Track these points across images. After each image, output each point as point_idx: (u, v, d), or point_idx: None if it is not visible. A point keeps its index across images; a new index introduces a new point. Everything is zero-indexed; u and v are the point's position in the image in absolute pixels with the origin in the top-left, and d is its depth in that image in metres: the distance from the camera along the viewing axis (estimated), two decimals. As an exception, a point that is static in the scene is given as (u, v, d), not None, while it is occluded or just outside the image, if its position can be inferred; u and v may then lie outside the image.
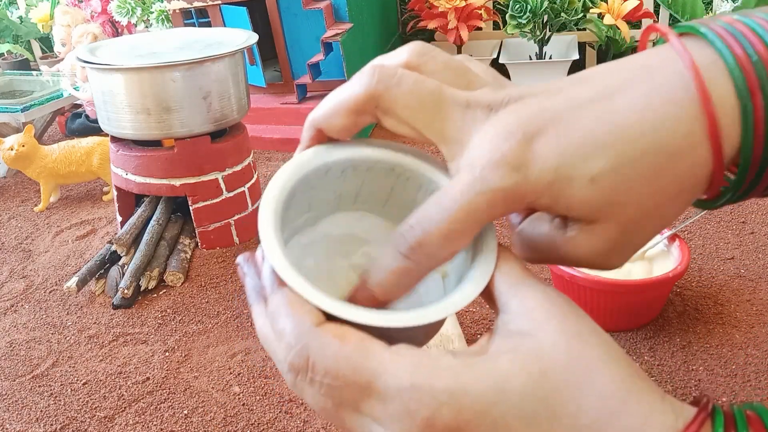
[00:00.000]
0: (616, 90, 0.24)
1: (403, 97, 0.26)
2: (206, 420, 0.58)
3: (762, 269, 0.74)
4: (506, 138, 0.24)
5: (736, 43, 0.23)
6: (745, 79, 0.23)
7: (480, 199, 0.24)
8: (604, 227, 0.25)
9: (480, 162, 0.24)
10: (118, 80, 0.79)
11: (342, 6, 1.27)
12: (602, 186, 0.24)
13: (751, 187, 0.26)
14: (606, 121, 0.24)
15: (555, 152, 0.24)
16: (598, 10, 1.28)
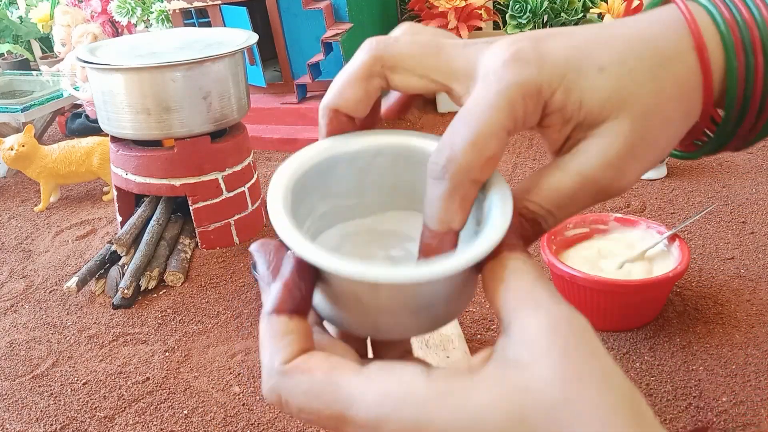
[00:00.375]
0: (613, 23, 0.28)
1: (404, 49, 0.27)
2: (206, 420, 0.58)
3: (762, 269, 0.74)
4: (515, 41, 0.26)
5: (722, 4, 0.27)
6: (731, 31, 0.26)
7: (499, 98, 0.24)
8: (613, 125, 0.26)
9: (493, 68, 0.25)
10: (118, 80, 0.79)
11: (342, 6, 1.27)
12: (610, 74, 0.25)
13: (733, 131, 0.29)
14: (606, 31, 0.26)
15: (564, 48, 0.26)
16: (598, 10, 1.28)
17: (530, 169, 1.08)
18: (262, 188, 1.01)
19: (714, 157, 1.06)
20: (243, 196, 0.89)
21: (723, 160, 1.05)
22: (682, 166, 1.04)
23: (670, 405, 0.56)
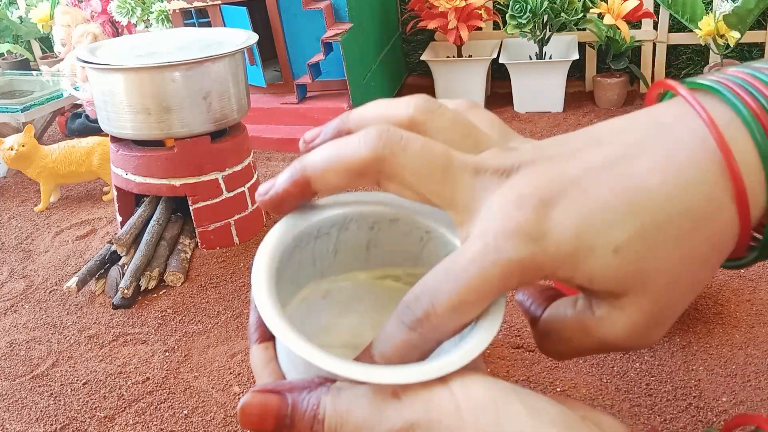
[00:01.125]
0: (633, 152, 0.23)
1: (409, 163, 0.24)
2: (206, 420, 0.58)
3: (762, 269, 0.74)
4: (521, 205, 0.23)
5: (750, 98, 0.22)
6: (763, 128, 0.22)
7: (494, 270, 0.22)
8: (636, 301, 0.24)
9: (493, 231, 0.23)
10: (118, 80, 0.79)
11: (342, 6, 1.27)
12: (627, 255, 0.23)
13: None
14: (627, 186, 0.23)
15: (574, 220, 0.23)
16: (598, 10, 1.28)
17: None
18: (262, 188, 1.01)
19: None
20: (243, 196, 0.89)
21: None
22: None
23: (670, 405, 0.56)
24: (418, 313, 0.23)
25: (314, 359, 0.24)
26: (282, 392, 0.24)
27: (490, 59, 1.37)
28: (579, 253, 0.23)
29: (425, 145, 0.24)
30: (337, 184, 0.25)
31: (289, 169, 0.26)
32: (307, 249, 0.33)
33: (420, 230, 0.33)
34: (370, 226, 0.34)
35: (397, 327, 0.24)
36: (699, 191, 0.22)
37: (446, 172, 0.24)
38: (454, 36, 1.35)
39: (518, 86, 1.36)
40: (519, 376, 0.60)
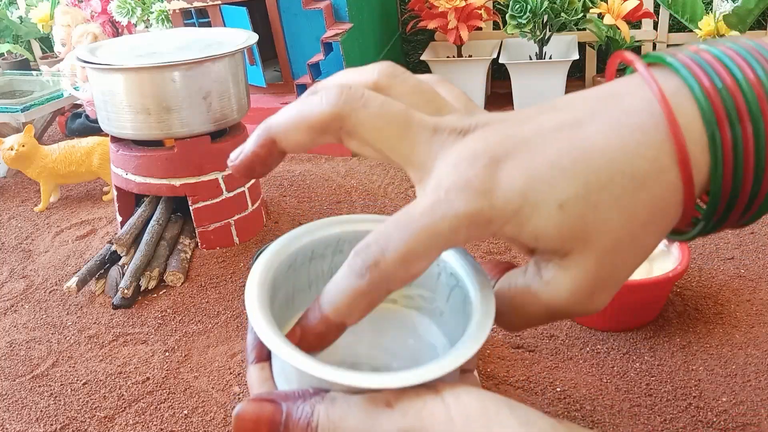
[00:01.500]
0: (584, 117, 0.24)
1: (369, 119, 0.25)
2: (206, 420, 0.58)
3: (762, 269, 0.74)
4: (472, 162, 0.24)
5: (701, 71, 0.23)
6: (712, 106, 0.23)
7: (443, 223, 0.23)
8: (579, 260, 0.24)
9: (445, 185, 0.24)
10: (118, 80, 0.79)
11: (342, 6, 1.27)
12: (571, 212, 0.23)
13: (723, 217, 0.26)
14: (574, 147, 0.23)
15: (522, 178, 0.23)
16: (598, 10, 1.28)
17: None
18: (262, 188, 1.01)
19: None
20: (243, 196, 0.89)
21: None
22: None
23: (670, 405, 0.56)
24: (368, 261, 0.24)
25: (306, 368, 0.25)
26: (277, 401, 0.25)
27: (490, 59, 1.37)
28: (525, 208, 0.23)
29: (385, 103, 0.25)
30: (300, 141, 0.26)
31: (255, 132, 0.27)
32: (302, 270, 0.35)
33: None
34: None
35: (346, 275, 0.24)
36: (642, 154, 0.23)
37: (405, 130, 0.25)
38: (454, 36, 1.35)
39: (518, 86, 1.36)
40: (519, 376, 0.60)
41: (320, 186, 1.07)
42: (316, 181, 1.08)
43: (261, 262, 0.32)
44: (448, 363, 0.25)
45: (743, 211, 0.26)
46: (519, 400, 0.57)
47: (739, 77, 0.23)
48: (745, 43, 0.24)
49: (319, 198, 1.02)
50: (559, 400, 0.57)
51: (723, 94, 0.23)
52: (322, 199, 1.02)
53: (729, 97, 0.23)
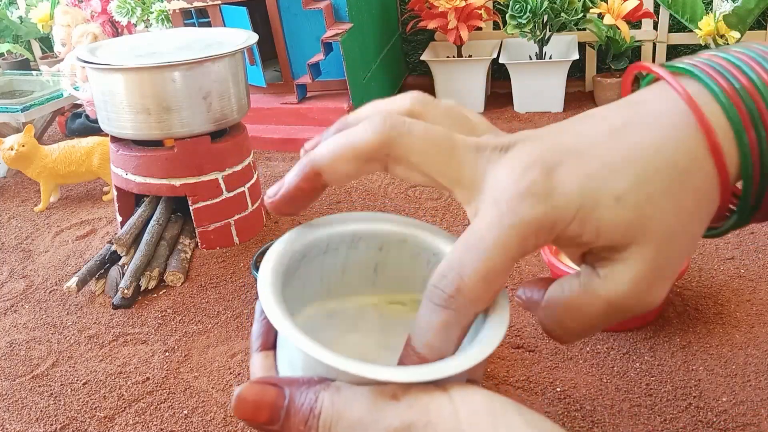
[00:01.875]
0: (619, 123, 0.26)
1: (415, 144, 0.25)
2: (206, 420, 0.58)
3: (762, 269, 0.74)
4: (526, 171, 0.24)
5: (718, 74, 0.26)
6: (733, 103, 0.25)
7: (511, 232, 0.24)
8: (638, 250, 0.25)
9: (504, 197, 0.24)
10: (118, 80, 0.79)
11: (342, 6, 1.27)
12: (627, 203, 0.24)
13: (756, 206, 0.28)
14: (619, 147, 0.25)
15: (577, 178, 0.24)
16: (598, 10, 1.28)
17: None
18: (262, 188, 1.01)
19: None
20: (243, 196, 0.89)
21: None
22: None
23: (670, 405, 0.56)
24: (448, 290, 0.24)
25: (315, 353, 0.24)
26: (280, 385, 0.24)
27: (490, 59, 1.37)
28: (585, 205, 0.24)
29: (428, 128, 0.26)
30: (347, 171, 0.26)
31: (297, 166, 0.27)
32: (315, 262, 0.35)
33: (428, 252, 0.35)
34: (378, 247, 0.36)
35: (430, 310, 0.25)
36: (680, 148, 0.25)
37: (450, 152, 0.26)
38: (454, 36, 1.35)
39: (518, 86, 1.36)
40: (519, 376, 0.60)
41: (320, 186, 1.07)
42: (316, 181, 1.08)
43: (276, 249, 0.32)
44: (458, 363, 0.25)
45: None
46: (519, 400, 0.57)
47: (753, 78, 0.25)
48: (755, 47, 0.27)
49: (318, 198, 1.02)
50: (559, 400, 0.57)
51: (741, 93, 0.25)
52: (322, 199, 1.02)
53: (747, 94, 0.25)
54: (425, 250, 0.37)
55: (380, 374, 0.25)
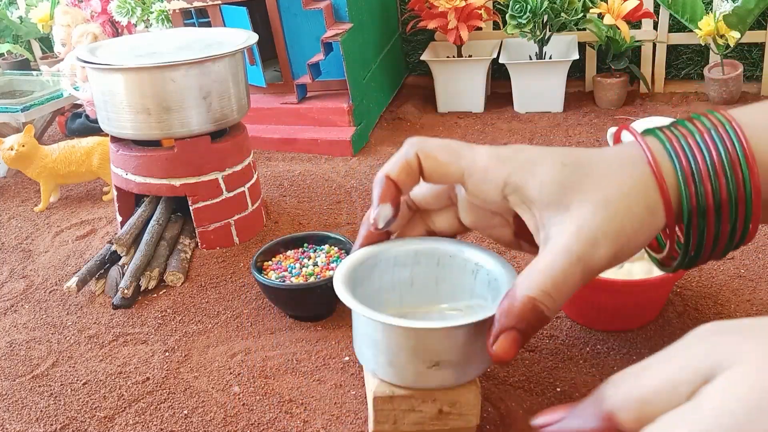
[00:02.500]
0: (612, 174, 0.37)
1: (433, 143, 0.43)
2: (206, 420, 0.58)
3: (762, 269, 0.74)
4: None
5: (672, 135, 0.37)
6: (679, 157, 0.36)
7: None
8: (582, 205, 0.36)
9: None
10: (118, 80, 0.79)
11: (342, 6, 1.27)
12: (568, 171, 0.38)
13: (695, 256, 0.40)
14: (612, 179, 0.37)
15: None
16: (598, 10, 1.28)
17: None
18: (262, 188, 1.01)
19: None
20: (243, 196, 0.89)
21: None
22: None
23: (670, 405, 0.56)
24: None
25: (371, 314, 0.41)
26: None
27: (490, 59, 1.37)
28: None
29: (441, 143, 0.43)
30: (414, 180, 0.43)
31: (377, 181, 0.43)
32: (387, 273, 0.49)
33: (471, 263, 0.48)
34: (436, 262, 0.48)
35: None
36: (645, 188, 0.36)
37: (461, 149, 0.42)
38: (454, 36, 1.35)
39: (518, 86, 1.36)
40: (519, 376, 0.60)
41: (320, 186, 1.07)
42: (316, 181, 1.08)
43: (350, 257, 0.47)
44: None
45: (712, 248, 0.38)
46: (519, 400, 0.57)
47: (706, 156, 0.35)
48: (713, 118, 0.37)
49: (319, 198, 1.02)
50: (559, 400, 0.57)
51: (692, 164, 0.36)
52: (322, 199, 1.02)
53: (695, 159, 0.36)
54: (469, 261, 0.48)
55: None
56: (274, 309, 0.74)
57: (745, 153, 0.34)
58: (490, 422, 0.55)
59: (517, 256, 0.81)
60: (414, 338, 0.43)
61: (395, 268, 0.48)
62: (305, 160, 1.19)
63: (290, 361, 0.65)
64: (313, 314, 0.71)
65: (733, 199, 0.35)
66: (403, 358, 0.44)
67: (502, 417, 0.55)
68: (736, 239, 0.37)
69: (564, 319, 0.68)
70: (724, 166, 0.35)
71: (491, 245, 0.84)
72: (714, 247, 0.37)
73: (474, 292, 0.49)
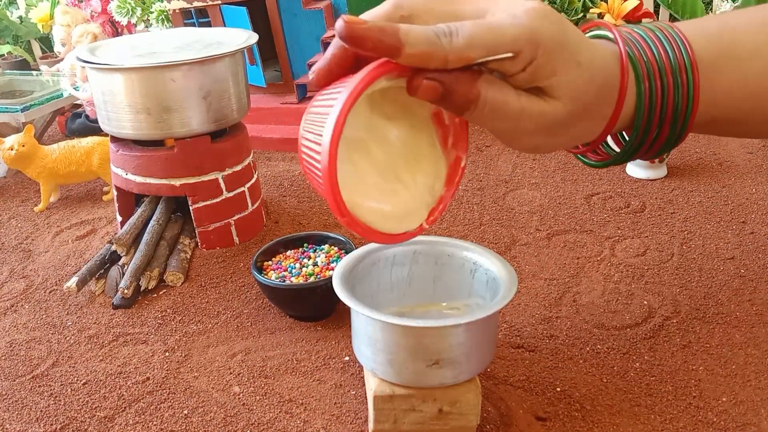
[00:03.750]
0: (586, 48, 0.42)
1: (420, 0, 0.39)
2: (206, 420, 0.58)
3: (762, 269, 0.74)
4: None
5: (632, 44, 0.43)
6: (639, 63, 0.42)
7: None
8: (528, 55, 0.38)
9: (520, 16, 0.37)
10: (118, 80, 0.79)
11: (342, 6, 1.27)
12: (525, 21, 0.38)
13: (638, 147, 0.45)
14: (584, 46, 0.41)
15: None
16: (598, 10, 1.28)
17: (530, 168, 1.08)
18: (262, 188, 1.01)
19: (714, 157, 1.06)
20: (243, 196, 0.89)
21: (723, 159, 1.05)
22: (681, 166, 1.04)
23: (670, 405, 0.56)
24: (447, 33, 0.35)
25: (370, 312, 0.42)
26: None
27: (490, 59, 1.37)
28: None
29: None
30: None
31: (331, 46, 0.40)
32: (385, 272, 0.49)
33: (469, 263, 0.49)
34: (435, 261, 0.49)
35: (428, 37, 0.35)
36: (611, 61, 0.42)
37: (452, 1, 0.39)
38: (454, 36, 1.35)
39: (518, 86, 1.36)
40: (519, 376, 0.60)
41: (320, 186, 1.06)
42: (316, 181, 1.08)
43: (349, 255, 0.48)
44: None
45: (653, 139, 0.44)
46: (519, 400, 0.57)
47: (654, 51, 0.43)
48: (660, 26, 0.44)
49: (319, 198, 1.02)
50: (559, 400, 0.57)
51: (644, 57, 0.43)
52: (322, 199, 1.02)
53: (647, 59, 0.43)
54: (467, 261, 0.48)
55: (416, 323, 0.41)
56: (274, 309, 0.74)
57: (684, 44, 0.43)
58: (490, 422, 0.55)
59: (517, 256, 0.81)
60: (413, 337, 0.43)
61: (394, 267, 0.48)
62: (305, 160, 1.19)
63: (290, 361, 0.65)
64: (313, 314, 0.71)
65: (675, 67, 0.42)
66: (402, 357, 0.44)
67: (502, 417, 0.55)
68: (680, 118, 0.43)
69: (564, 319, 0.68)
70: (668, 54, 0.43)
71: (490, 245, 0.84)
72: (658, 131, 0.44)
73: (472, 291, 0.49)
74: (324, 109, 0.34)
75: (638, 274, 0.76)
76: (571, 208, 0.93)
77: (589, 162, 0.50)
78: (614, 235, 0.85)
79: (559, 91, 0.38)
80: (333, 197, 0.34)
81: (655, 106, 0.42)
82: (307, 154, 0.36)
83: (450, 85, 0.36)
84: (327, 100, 0.35)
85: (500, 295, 0.45)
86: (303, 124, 0.38)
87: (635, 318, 0.67)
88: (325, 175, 0.33)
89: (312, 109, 0.38)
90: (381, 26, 0.33)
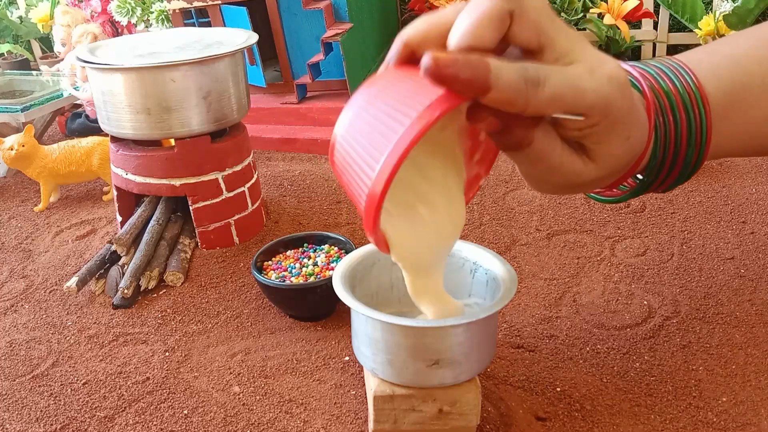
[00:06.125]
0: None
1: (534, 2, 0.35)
2: (206, 420, 0.58)
3: (762, 269, 0.74)
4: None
5: (644, 80, 0.46)
6: (659, 98, 0.45)
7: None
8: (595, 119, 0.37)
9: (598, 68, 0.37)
10: (118, 80, 0.79)
11: (342, 6, 1.27)
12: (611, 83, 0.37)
13: (652, 181, 0.47)
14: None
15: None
16: (598, 10, 1.28)
17: (530, 169, 1.08)
18: (262, 188, 1.01)
19: (714, 157, 1.05)
20: (243, 196, 0.89)
21: (723, 160, 1.05)
22: (682, 166, 1.03)
23: (670, 405, 0.56)
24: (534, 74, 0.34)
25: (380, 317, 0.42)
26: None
27: (490, 59, 1.37)
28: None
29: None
30: (494, 37, 0.33)
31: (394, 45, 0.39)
32: (385, 272, 0.49)
33: (469, 263, 0.50)
34: None
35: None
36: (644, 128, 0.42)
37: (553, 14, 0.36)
38: (454, 36, 1.35)
39: (518, 86, 1.36)
40: (519, 376, 0.60)
41: (320, 186, 1.07)
42: (316, 181, 1.08)
43: (349, 255, 0.48)
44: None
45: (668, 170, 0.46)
46: (519, 400, 0.57)
47: (663, 86, 0.46)
48: (666, 62, 0.48)
49: (319, 198, 1.02)
50: (559, 400, 0.57)
51: (656, 94, 0.45)
52: (322, 199, 1.02)
53: (657, 95, 0.45)
54: (467, 261, 0.49)
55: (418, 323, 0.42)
56: (274, 309, 0.74)
57: (697, 84, 0.46)
58: (490, 422, 0.55)
59: (517, 256, 0.81)
60: (413, 337, 0.43)
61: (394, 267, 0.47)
62: (305, 160, 1.19)
63: (290, 361, 0.65)
64: (313, 314, 0.71)
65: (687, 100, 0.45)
66: (402, 357, 0.44)
67: (502, 417, 0.55)
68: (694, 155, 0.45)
69: (564, 319, 0.68)
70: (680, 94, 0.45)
71: (490, 245, 0.84)
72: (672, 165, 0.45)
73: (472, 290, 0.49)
74: (387, 118, 0.32)
75: (638, 274, 0.76)
76: (570, 208, 0.93)
77: (600, 198, 0.50)
78: (614, 235, 0.85)
79: (601, 158, 0.39)
80: (374, 219, 0.33)
81: (669, 148, 0.45)
82: (353, 158, 0.34)
83: (509, 126, 0.35)
84: (391, 111, 0.33)
85: (500, 295, 0.45)
86: (352, 117, 0.35)
87: (635, 318, 0.67)
88: (374, 198, 0.32)
89: (370, 108, 0.34)
90: (472, 68, 0.31)
